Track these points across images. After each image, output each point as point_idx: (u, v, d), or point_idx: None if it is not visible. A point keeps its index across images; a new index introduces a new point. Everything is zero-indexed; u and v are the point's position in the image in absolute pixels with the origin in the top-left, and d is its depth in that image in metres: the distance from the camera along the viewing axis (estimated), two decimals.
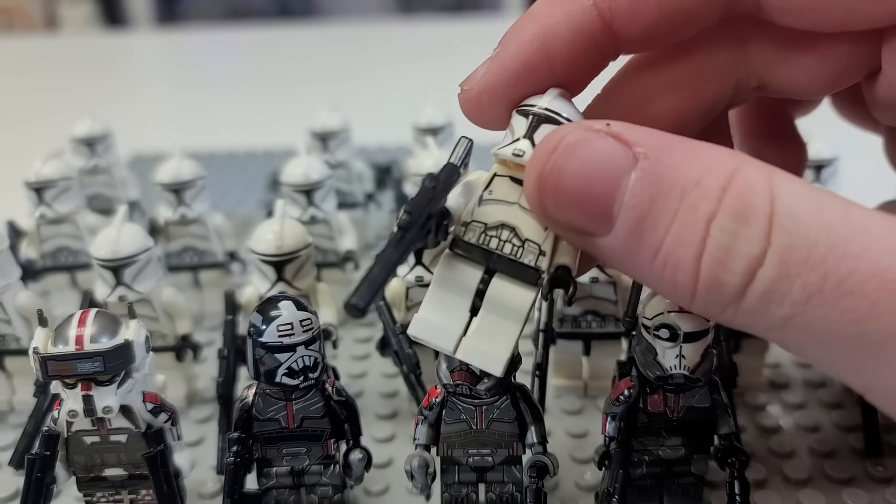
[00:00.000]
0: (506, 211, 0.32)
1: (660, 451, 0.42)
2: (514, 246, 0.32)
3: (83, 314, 0.39)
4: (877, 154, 0.47)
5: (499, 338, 0.32)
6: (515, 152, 0.31)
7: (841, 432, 0.51)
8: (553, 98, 0.33)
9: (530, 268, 0.31)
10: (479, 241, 0.32)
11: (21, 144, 0.97)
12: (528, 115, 0.32)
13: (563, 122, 0.32)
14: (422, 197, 0.30)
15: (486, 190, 0.32)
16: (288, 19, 2.32)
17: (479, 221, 0.32)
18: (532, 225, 0.32)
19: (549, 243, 0.31)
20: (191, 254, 0.68)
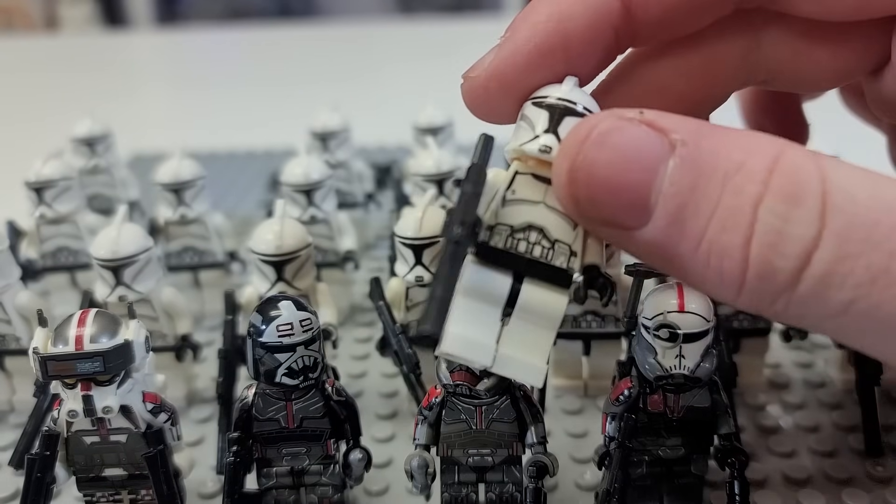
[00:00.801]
0: (532, 211, 0.30)
1: (660, 451, 0.42)
2: (544, 248, 0.30)
3: (83, 314, 0.39)
4: (877, 150, 0.47)
5: (534, 346, 0.30)
6: (542, 148, 0.29)
7: (841, 432, 0.51)
8: (572, 88, 0.31)
9: (562, 270, 0.30)
10: (508, 245, 0.30)
11: (21, 144, 0.97)
12: (548, 108, 0.30)
13: (586, 114, 0.30)
14: (468, 204, 0.28)
15: (508, 189, 0.30)
16: (288, 19, 2.32)
17: (505, 224, 0.30)
18: (560, 224, 0.30)
19: (580, 242, 0.30)
20: (191, 254, 0.68)
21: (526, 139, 0.30)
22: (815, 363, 0.58)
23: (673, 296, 0.39)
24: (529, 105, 0.31)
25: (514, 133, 0.31)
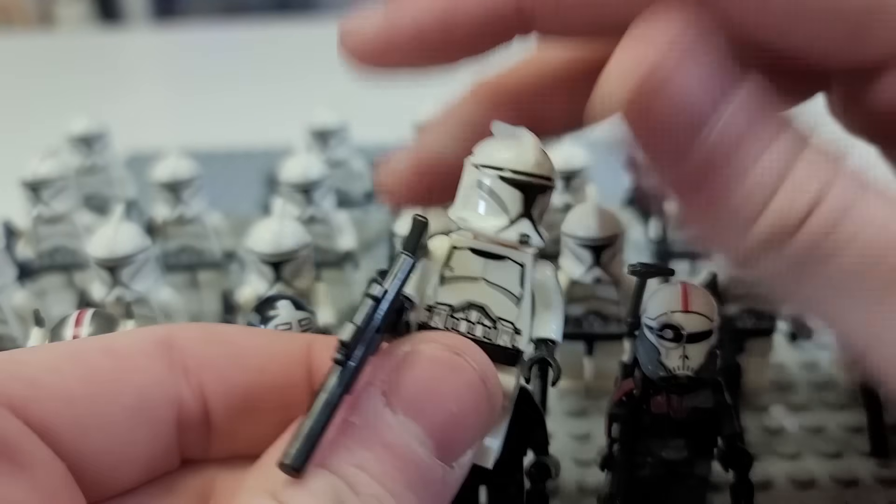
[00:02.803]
0: (471, 289, 0.28)
1: (663, 452, 0.42)
2: (486, 328, 0.28)
3: (80, 314, 0.39)
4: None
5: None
6: (523, 239, 0.28)
7: (846, 433, 0.50)
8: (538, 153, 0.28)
9: (507, 349, 0.28)
10: (447, 327, 0.29)
11: (14, 143, 0.96)
12: (520, 188, 0.27)
13: (553, 186, 0.28)
14: (365, 318, 0.25)
15: (445, 267, 0.29)
16: (286, 13, 2.31)
17: (444, 304, 0.29)
18: (502, 301, 0.28)
19: (525, 320, 0.28)
20: (188, 253, 0.67)
21: (499, 225, 0.28)
22: (819, 364, 0.57)
23: (677, 295, 0.38)
24: (495, 177, 0.28)
25: (465, 201, 0.28)
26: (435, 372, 0.25)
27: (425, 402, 0.25)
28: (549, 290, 0.29)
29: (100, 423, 0.25)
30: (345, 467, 0.23)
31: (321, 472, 0.23)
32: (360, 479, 0.23)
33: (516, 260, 0.28)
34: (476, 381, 0.26)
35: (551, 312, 0.29)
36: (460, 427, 0.25)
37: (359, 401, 0.25)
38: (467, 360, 0.26)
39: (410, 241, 0.28)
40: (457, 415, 0.25)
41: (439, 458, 0.25)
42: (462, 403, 0.25)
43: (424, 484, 0.24)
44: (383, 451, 0.24)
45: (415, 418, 0.24)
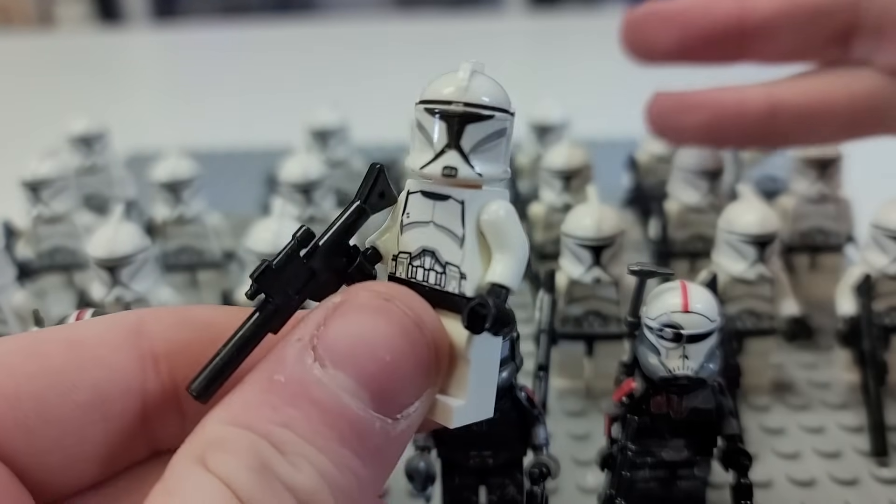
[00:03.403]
0: (424, 233, 0.27)
1: (663, 453, 0.41)
2: (437, 273, 0.26)
3: (79, 314, 0.39)
4: (887, 149, 0.47)
5: (450, 383, 0.26)
6: (446, 172, 0.25)
7: (846, 433, 0.50)
8: (469, 77, 0.25)
9: (457, 296, 0.26)
10: (409, 275, 0.27)
11: (14, 143, 0.96)
12: (444, 117, 0.25)
13: (494, 115, 0.25)
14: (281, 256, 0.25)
15: (404, 213, 0.27)
16: (286, 14, 2.31)
17: (405, 252, 0.27)
18: (448, 244, 0.26)
19: (470, 262, 0.26)
20: (188, 253, 0.67)
21: (425, 159, 0.26)
22: (819, 364, 0.57)
23: (677, 295, 0.38)
24: (422, 110, 0.26)
25: (411, 145, 0.27)
26: (364, 320, 0.24)
27: (355, 353, 0.23)
28: (501, 229, 0.26)
29: (48, 422, 0.25)
30: (269, 427, 0.22)
31: (244, 432, 0.22)
32: (286, 438, 0.22)
33: (456, 198, 0.26)
34: (409, 325, 0.24)
35: (504, 254, 0.26)
36: (397, 376, 0.23)
37: (285, 357, 0.23)
38: (398, 304, 0.24)
39: (363, 188, 0.27)
40: (391, 363, 0.23)
41: (377, 410, 0.23)
42: (396, 350, 0.23)
43: (360, 439, 0.23)
44: (311, 407, 0.22)
45: (345, 370, 0.23)
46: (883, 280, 0.51)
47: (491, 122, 0.26)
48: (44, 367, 0.25)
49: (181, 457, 0.22)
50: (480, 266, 0.26)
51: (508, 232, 0.26)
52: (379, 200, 0.27)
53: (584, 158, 0.65)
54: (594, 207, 0.52)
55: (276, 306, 0.24)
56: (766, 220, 0.51)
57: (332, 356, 0.23)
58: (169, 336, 0.27)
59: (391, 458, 0.24)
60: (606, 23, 2.16)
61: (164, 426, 0.27)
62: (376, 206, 0.27)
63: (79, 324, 0.29)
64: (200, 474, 0.21)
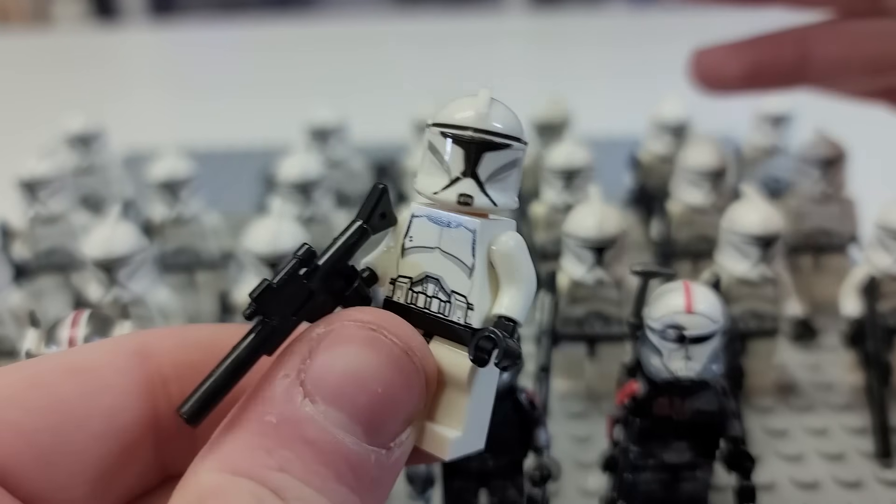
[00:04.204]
0: (428, 259, 0.26)
1: (665, 455, 0.41)
2: (441, 301, 0.26)
3: (76, 315, 0.38)
4: (890, 150, 0.47)
5: (447, 412, 0.26)
6: (462, 200, 0.25)
7: (849, 435, 0.50)
8: (488, 105, 0.25)
9: (461, 326, 0.25)
10: (408, 301, 0.26)
11: (11, 142, 0.96)
12: (462, 144, 0.25)
13: (511, 145, 0.25)
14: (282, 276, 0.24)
15: (406, 237, 0.27)
16: (284, 12, 2.31)
17: (405, 276, 0.27)
18: (455, 273, 0.25)
19: (478, 293, 0.25)
20: (186, 254, 0.67)
21: (440, 185, 0.25)
22: (823, 365, 0.57)
23: (680, 296, 0.38)
24: (436, 132, 0.25)
25: (420, 165, 0.26)
26: (352, 352, 0.23)
27: (346, 387, 0.22)
28: (512, 261, 0.25)
29: (66, 457, 0.24)
30: (266, 472, 0.21)
31: (242, 480, 0.21)
32: (284, 483, 0.21)
33: (468, 227, 0.25)
34: (399, 355, 0.24)
35: (513, 287, 0.25)
36: (389, 406, 0.23)
37: (274, 395, 0.23)
38: (386, 334, 0.24)
39: (365, 208, 0.26)
40: (382, 395, 0.23)
41: (371, 443, 0.23)
42: (387, 382, 0.23)
43: (356, 474, 0.22)
44: (305, 448, 0.22)
45: (336, 406, 0.22)
46: (887, 280, 0.50)
47: (507, 152, 0.25)
48: (54, 398, 0.24)
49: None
50: (488, 297, 0.25)
51: (520, 264, 0.25)
52: (380, 221, 0.26)
53: (585, 158, 0.64)
54: (596, 207, 0.51)
55: (272, 328, 0.24)
56: (770, 220, 0.50)
57: (322, 392, 0.22)
58: (175, 358, 0.26)
59: (387, 486, 0.24)
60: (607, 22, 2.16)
61: (175, 450, 0.26)
62: (377, 227, 0.26)
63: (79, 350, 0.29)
64: None
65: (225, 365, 0.23)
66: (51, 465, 0.24)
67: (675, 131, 0.75)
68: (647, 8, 2.19)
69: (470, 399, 0.25)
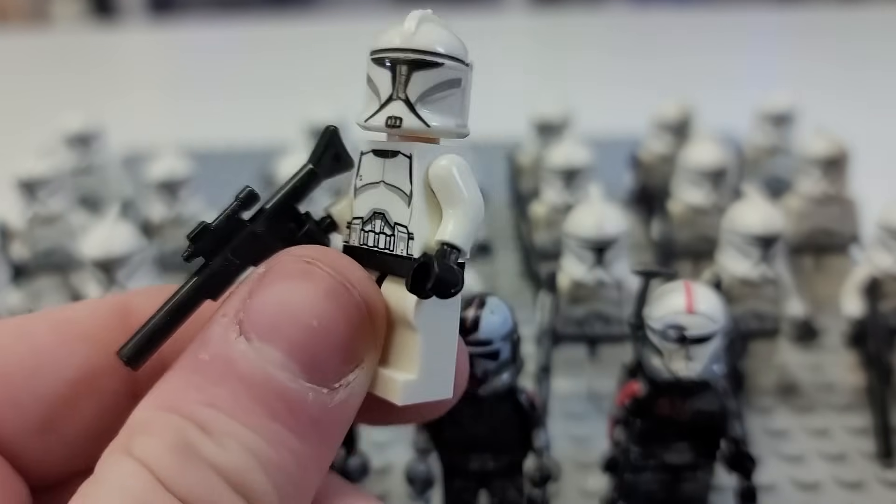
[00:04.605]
0: (375, 195, 0.25)
1: (666, 456, 0.41)
2: (386, 236, 0.25)
3: None
4: (892, 150, 0.47)
5: (400, 355, 0.25)
6: (390, 122, 0.24)
7: (851, 436, 0.50)
8: (417, 25, 0.24)
9: (404, 258, 0.24)
10: (361, 242, 0.25)
11: (9, 142, 0.96)
12: (388, 65, 0.24)
13: (444, 63, 0.24)
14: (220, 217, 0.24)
15: (357, 176, 0.26)
16: (283, 11, 2.30)
17: (357, 217, 0.26)
18: (398, 203, 0.24)
19: (418, 222, 0.24)
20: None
21: (370, 112, 0.24)
22: (824, 365, 0.57)
23: (681, 296, 0.38)
24: (370, 61, 0.24)
25: (363, 101, 0.25)
26: (286, 287, 0.22)
27: (279, 322, 0.22)
28: (450, 183, 0.24)
29: (39, 400, 0.24)
30: (193, 407, 0.21)
31: (169, 415, 0.21)
32: (211, 417, 0.21)
33: (404, 152, 0.24)
34: (336, 287, 0.23)
35: (454, 211, 0.24)
36: (326, 341, 0.22)
37: (210, 335, 0.22)
38: (321, 266, 0.23)
39: (315, 152, 0.25)
40: (319, 328, 0.22)
41: (310, 380, 0.22)
42: (322, 315, 0.22)
43: (292, 412, 0.21)
44: (237, 383, 0.21)
45: (270, 342, 0.22)
46: (889, 281, 0.50)
47: (441, 70, 0.24)
48: (32, 346, 0.25)
49: (110, 447, 0.21)
50: (429, 226, 0.24)
51: (458, 187, 0.24)
52: (333, 164, 0.26)
53: (585, 157, 0.64)
54: (596, 207, 0.51)
55: (213, 270, 0.23)
56: (771, 219, 0.50)
57: (256, 329, 0.22)
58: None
59: (332, 430, 0.23)
60: (608, 21, 2.16)
61: None
62: (330, 171, 0.26)
63: (67, 305, 0.29)
64: (124, 461, 0.20)
65: (165, 308, 0.23)
66: (22, 409, 0.24)
67: (675, 131, 0.75)
68: (647, 8, 2.19)
69: (421, 337, 0.24)
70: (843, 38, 1.62)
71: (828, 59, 1.45)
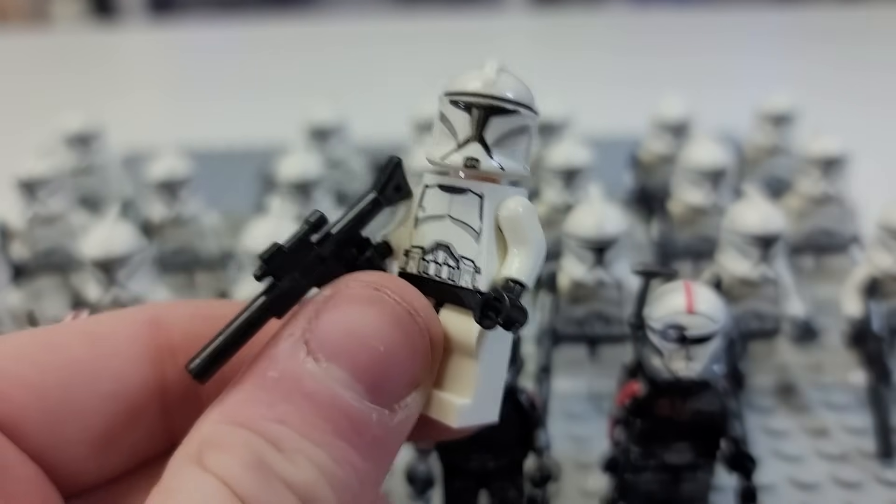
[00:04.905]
0: (439, 228, 0.27)
1: (666, 456, 0.41)
2: (450, 268, 0.26)
3: (74, 315, 0.38)
4: (892, 150, 0.47)
5: (456, 380, 0.26)
6: (468, 163, 0.25)
7: (850, 435, 0.50)
8: (497, 72, 0.25)
9: (469, 291, 0.25)
10: (420, 270, 0.27)
11: (9, 142, 0.96)
12: (468, 108, 0.25)
13: (518, 111, 0.25)
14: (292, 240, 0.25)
15: (419, 207, 0.27)
16: (284, 11, 2.30)
17: (417, 246, 0.27)
18: (464, 238, 0.26)
19: (486, 257, 0.25)
20: (185, 254, 0.67)
21: (447, 150, 0.26)
22: (824, 365, 0.57)
23: (681, 296, 0.38)
24: (446, 101, 0.26)
25: (432, 137, 0.27)
26: (355, 311, 0.24)
27: (347, 344, 0.23)
28: (519, 225, 0.26)
29: (73, 414, 0.24)
30: (264, 424, 0.22)
31: (240, 431, 0.21)
32: (282, 434, 0.21)
33: (475, 191, 0.26)
34: (402, 314, 0.24)
35: (520, 250, 0.26)
36: (391, 365, 0.23)
37: (278, 353, 0.23)
38: (389, 294, 0.24)
39: (378, 180, 0.27)
40: (384, 353, 0.23)
41: (374, 401, 0.23)
42: (389, 340, 0.23)
43: (357, 430, 0.22)
44: (304, 401, 0.22)
45: (338, 362, 0.23)
46: (888, 281, 0.50)
47: (515, 118, 0.26)
48: (65, 358, 0.25)
49: (179, 457, 0.22)
50: (496, 262, 0.26)
51: (527, 228, 0.26)
52: (394, 194, 0.27)
53: (585, 157, 0.64)
54: (596, 207, 0.51)
55: (283, 290, 0.24)
56: (770, 219, 0.50)
57: (324, 349, 0.23)
58: (185, 328, 0.27)
59: (390, 449, 0.24)
60: (608, 21, 2.16)
61: (183, 418, 0.27)
62: (391, 199, 0.27)
63: (96, 317, 0.29)
64: (198, 474, 0.21)
65: (234, 324, 0.23)
66: (58, 422, 0.24)
67: (675, 131, 0.75)
68: (647, 8, 2.19)
69: (479, 365, 0.25)
70: (843, 39, 1.61)
71: (828, 60, 1.45)
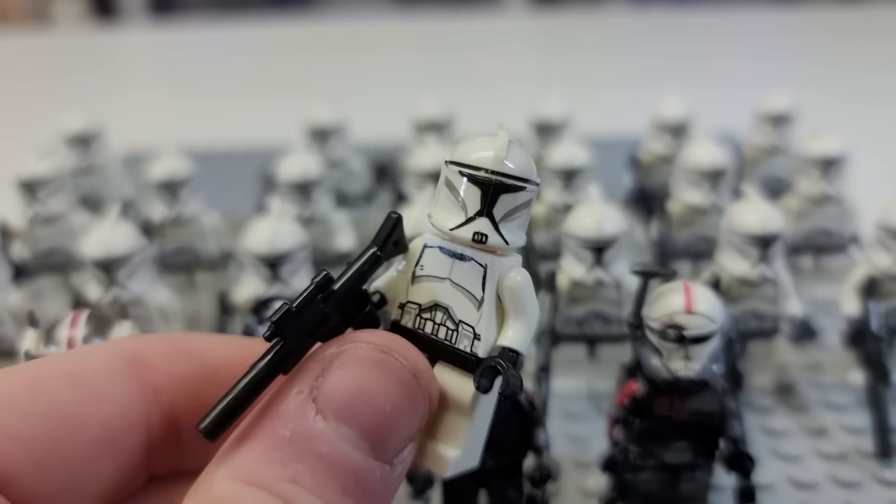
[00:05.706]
0: (438, 288, 0.28)
1: (665, 455, 0.41)
2: (449, 329, 0.27)
3: (75, 315, 0.38)
4: (891, 150, 0.47)
5: (447, 433, 0.27)
6: (477, 238, 0.26)
7: (849, 435, 0.50)
8: (504, 150, 0.26)
9: (467, 355, 0.27)
10: (416, 326, 0.28)
11: (10, 142, 0.96)
12: (480, 185, 0.26)
13: (525, 187, 0.27)
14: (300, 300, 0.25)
15: (417, 265, 0.28)
16: (284, 11, 2.30)
17: (414, 302, 0.28)
18: (464, 304, 0.27)
19: (486, 325, 0.27)
20: (185, 254, 0.67)
21: (456, 222, 0.27)
22: (823, 365, 0.57)
23: (680, 296, 0.38)
24: (455, 171, 0.27)
25: (436, 198, 0.28)
26: (364, 372, 0.25)
27: (356, 405, 0.24)
28: (520, 296, 0.27)
29: (63, 462, 0.24)
30: (279, 483, 0.22)
31: (257, 490, 0.22)
32: (296, 495, 0.22)
33: (479, 261, 0.27)
34: (408, 377, 0.25)
35: (518, 320, 0.27)
36: (395, 425, 0.25)
37: (287, 410, 0.24)
38: (396, 357, 0.25)
39: (379, 236, 0.27)
40: (390, 414, 0.24)
41: (377, 458, 0.24)
42: (395, 402, 0.25)
43: (363, 488, 0.23)
44: (316, 461, 0.23)
45: (347, 423, 0.24)
46: (887, 281, 0.50)
47: (521, 194, 0.27)
48: (52, 405, 0.25)
49: None
50: (495, 330, 0.27)
51: (526, 300, 0.27)
52: (393, 248, 0.28)
53: (585, 157, 0.64)
54: (596, 207, 0.51)
55: (290, 348, 0.25)
56: (769, 219, 0.50)
57: (333, 409, 0.24)
58: (168, 368, 0.27)
59: (388, 499, 0.25)
60: (608, 22, 2.15)
61: (163, 453, 0.27)
62: (390, 254, 0.28)
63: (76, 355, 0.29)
64: None
65: (243, 383, 0.24)
66: (46, 472, 0.24)
67: (674, 131, 0.75)
68: (647, 8, 2.19)
69: (471, 422, 0.27)
70: (843, 39, 1.62)
71: (827, 60, 1.45)
